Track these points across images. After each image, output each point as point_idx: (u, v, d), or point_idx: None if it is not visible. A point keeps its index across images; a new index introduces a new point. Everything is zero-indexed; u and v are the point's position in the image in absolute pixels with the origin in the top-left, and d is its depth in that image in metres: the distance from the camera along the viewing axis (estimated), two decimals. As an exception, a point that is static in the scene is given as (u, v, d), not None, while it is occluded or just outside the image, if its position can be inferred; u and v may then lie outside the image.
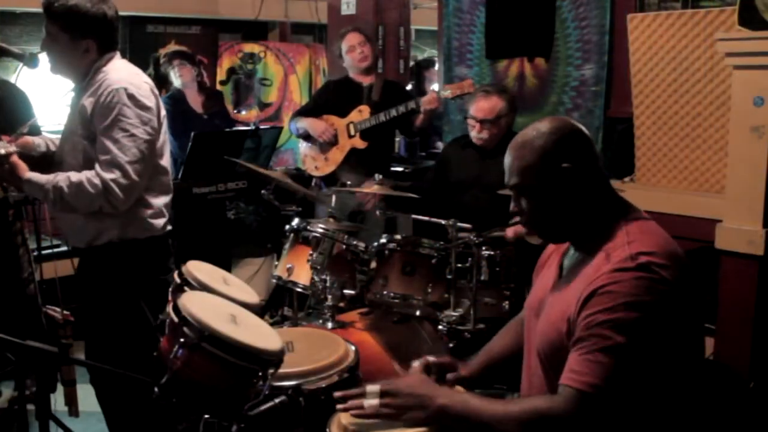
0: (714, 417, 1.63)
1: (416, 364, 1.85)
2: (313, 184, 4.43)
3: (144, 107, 2.39)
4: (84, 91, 2.45)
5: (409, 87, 5.43)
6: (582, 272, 1.60)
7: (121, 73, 2.44)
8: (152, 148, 2.43)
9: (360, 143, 4.08)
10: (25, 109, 3.47)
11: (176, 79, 4.97)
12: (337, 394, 1.67)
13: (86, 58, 2.45)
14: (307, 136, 4.20)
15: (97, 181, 2.33)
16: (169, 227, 2.63)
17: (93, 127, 2.39)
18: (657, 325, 1.48)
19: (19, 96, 3.56)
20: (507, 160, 1.68)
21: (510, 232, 3.14)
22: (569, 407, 1.48)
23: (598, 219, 1.64)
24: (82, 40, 2.42)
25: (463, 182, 3.56)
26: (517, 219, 1.70)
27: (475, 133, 3.47)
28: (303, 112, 4.33)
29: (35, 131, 2.75)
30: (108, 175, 2.33)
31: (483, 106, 3.42)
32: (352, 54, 4.11)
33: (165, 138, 2.57)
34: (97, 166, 2.36)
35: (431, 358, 1.87)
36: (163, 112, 2.55)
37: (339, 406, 1.65)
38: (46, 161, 2.57)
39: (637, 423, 1.52)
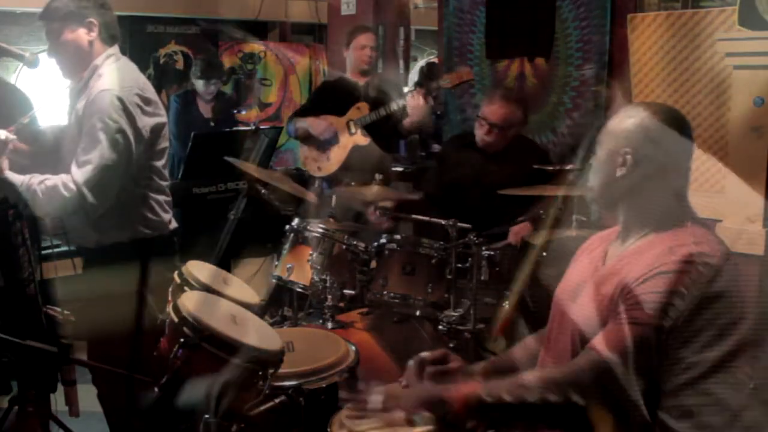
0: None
1: (411, 362, 1.84)
2: (315, 185, 4.41)
3: (129, 114, 2.37)
4: (80, 93, 2.45)
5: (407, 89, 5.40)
6: (638, 259, 1.61)
7: (115, 77, 2.41)
8: (131, 155, 2.40)
9: (362, 140, 4.05)
10: (25, 109, 3.46)
11: (203, 90, 4.80)
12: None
13: (91, 42, 2.44)
14: (305, 138, 4.18)
15: (71, 185, 2.33)
16: (175, 224, 2.64)
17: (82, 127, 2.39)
18: (696, 321, 1.51)
19: (18, 95, 3.56)
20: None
21: (513, 236, 3.14)
22: (588, 367, 1.52)
23: (658, 210, 1.67)
24: (85, 21, 2.43)
25: (461, 182, 3.53)
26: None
27: (482, 134, 3.43)
28: (300, 113, 4.30)
29: (35, 126, 2.75)
30: (83, 178, 2.33)
31: (498, 111, 3.37)
32: (361, 52, 4.11)
33: (165, 140, 2.56)
34: (73, 167, 2.35)
35: (425, 354, 1.86)
36: (162, 118, 2.53)
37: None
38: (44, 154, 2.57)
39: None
